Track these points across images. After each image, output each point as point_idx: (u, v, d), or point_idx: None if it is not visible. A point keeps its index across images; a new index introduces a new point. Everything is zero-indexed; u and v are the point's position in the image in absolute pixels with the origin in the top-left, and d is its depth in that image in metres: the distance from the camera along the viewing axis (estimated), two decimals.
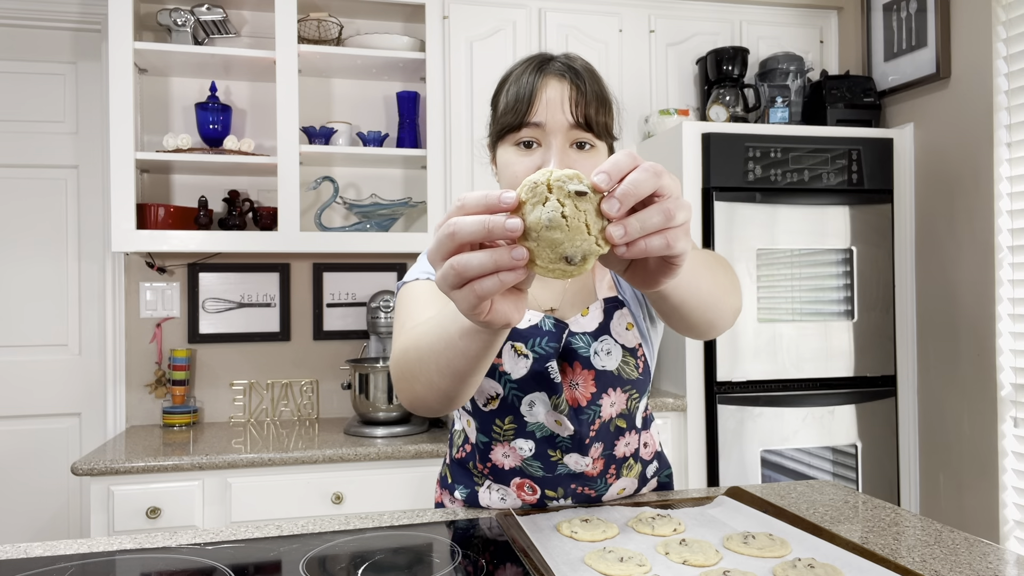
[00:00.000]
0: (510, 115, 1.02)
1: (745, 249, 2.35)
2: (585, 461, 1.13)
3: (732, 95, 2.60)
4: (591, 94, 1.02)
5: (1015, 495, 2.15)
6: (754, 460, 2.33)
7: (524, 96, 1.01)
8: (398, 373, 0.92)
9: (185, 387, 2.55)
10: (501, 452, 1.14)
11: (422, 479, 2.21)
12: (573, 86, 1.01)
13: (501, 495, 1.16)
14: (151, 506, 2.04)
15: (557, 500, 1.16)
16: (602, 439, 1.14)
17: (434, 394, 0.87)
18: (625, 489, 1.21)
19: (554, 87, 1.01)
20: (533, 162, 1.01)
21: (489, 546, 1.00)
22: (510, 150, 1.04)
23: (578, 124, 1.01)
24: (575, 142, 1.02)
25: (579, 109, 1.01)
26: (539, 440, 1.12)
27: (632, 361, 1.12)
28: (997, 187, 2.20)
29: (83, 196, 2.62)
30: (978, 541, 1.02)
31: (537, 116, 1.00)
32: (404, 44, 2.53)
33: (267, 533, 1.05)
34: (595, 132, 1.02)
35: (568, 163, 1.01)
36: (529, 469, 1.14)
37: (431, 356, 0.83)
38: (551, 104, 1.00)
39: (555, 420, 1.10)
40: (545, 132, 1.01)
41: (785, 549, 0.94)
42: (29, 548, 1.00)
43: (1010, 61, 2.17)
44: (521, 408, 1.10)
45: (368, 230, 2.54)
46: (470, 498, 1.18)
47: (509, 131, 1.03)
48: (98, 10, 2.57)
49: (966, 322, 2.31)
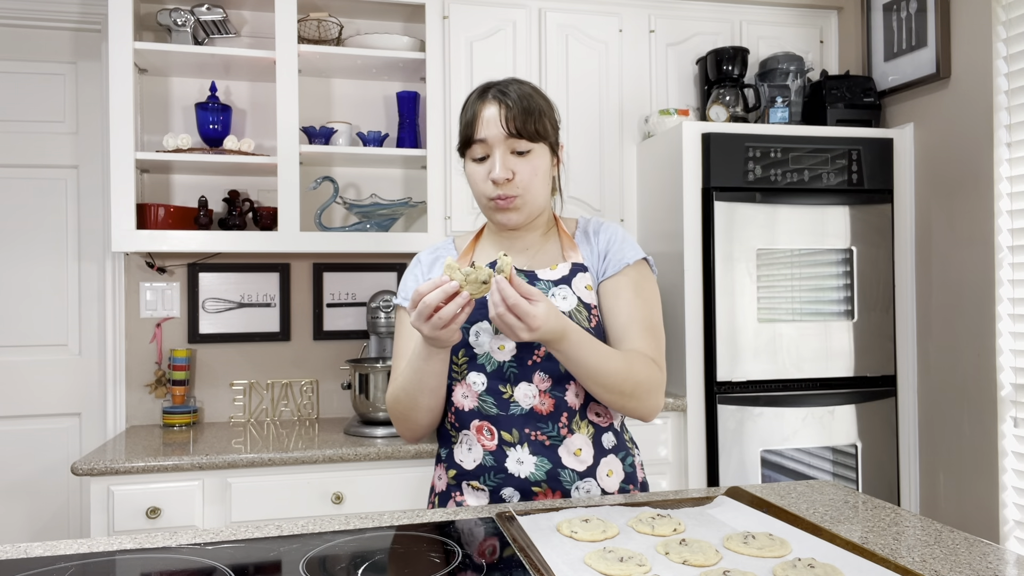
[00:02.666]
0: (462, 135, 1.31)
1: (745, 249, 2.35)
2: (532, 391, 1.26)
3: (732, 95, 2.60)
4: (518, 109, 1.26)
5: (1015, 495, 2.15)
6: (754, 460, 2.33)
7: (469, 120, 1.29)
8: (396, 415, 1.31)
9: (185, 387, 2.55)
10: (460, 393, 1.29)
11: (422, 479, 2.21)
12: (503, 105, 1.26)
13: (468, 445, 1.29)
14: (151, 506, 2.04)
15: (514, 447, 1.25)
16: (547, 371, 1.27)
17: (422, 414, 1.28)
18: (582, 450, 1.26)
19: (490, 109, 1.27)
20: (485, 170, 1.29)
21: (489, 546, 1.00)
22: (470, 163, 1.32)
23: (511, 134, 1.26)
24: (514, 150, 1.27)
25: (509, 123, 1.25)
26: (490, 375, 1.27)
27: (585, 313, 1.28)
28: (997, 187, 2.20)
29: (83, 196, 2.62)
30: (978, 541, 1.02)
31: (480, 134, 1.28)
32: (404, 44, 2.53)
33: (267, 533, 1.05)
34: (528, 138, 1.27)
35: (510, 166, 1.27)
36: (484, 407, 1.27)
37: (414, 386, 1.25)
38: (488, 123, 1.27)
39: (498, 346, 1.27)
40: (489, 145, 1.27)
41: (785, 549, 0.95)
42: (29, 548, 1.00)
43: (1010, 61, 2.17)
44: (469, 339, 1.28)
45: (368, 230, 2.54)
46: (448, 458, 1.33)
47: (465, 147, 1.31)
48: (98, 10, 2.57)
49: (966, 322, 2.31)
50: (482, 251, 1.41)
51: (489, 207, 1.31)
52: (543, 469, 1.25)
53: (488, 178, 1.27)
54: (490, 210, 1.32)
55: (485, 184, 1.29)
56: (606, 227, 1.38)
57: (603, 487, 1.28)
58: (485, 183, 1.28)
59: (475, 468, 1.28)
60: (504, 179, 1.26)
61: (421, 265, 1.41)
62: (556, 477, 1.25)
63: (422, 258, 1.42)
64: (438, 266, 1.39)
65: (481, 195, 1.31)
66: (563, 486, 1.25)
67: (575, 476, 1.26)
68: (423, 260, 1.42)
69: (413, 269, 1.41)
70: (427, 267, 1.40)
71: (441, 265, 1.39)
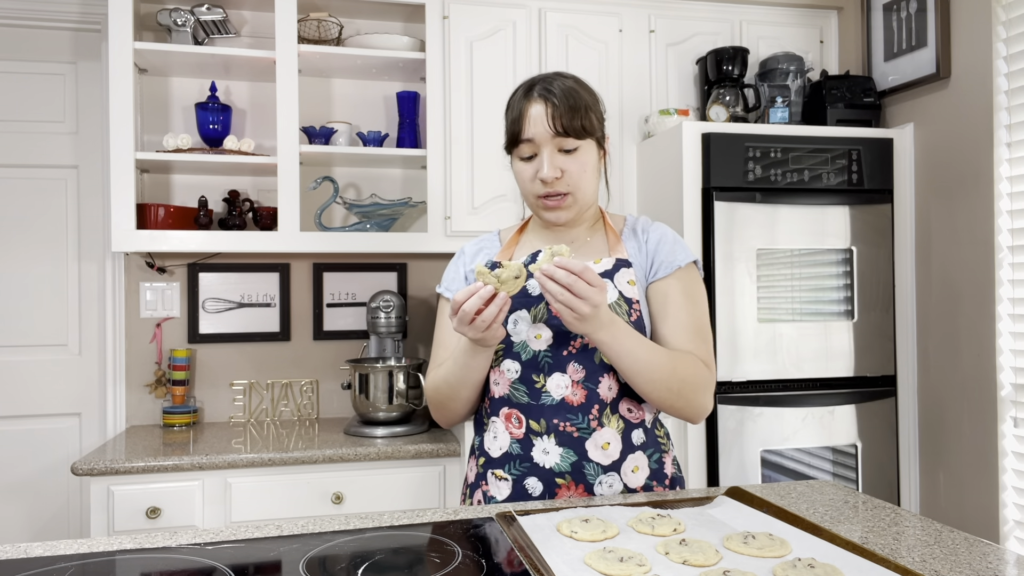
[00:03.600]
0: (508, 134, 1.32)
1: (745, 249, 2.35)
2: (565, 381, 1.26)
3: (732, 95, 2.60)
4: (564, 107, 1.26)
5: (1015, 495, 2.15)
6: (754, 460, 2.33)
7: (516, 118, 1.30)
8: (435, 402, 1.35)
9: (185, 387, 2.55)
10: (492, 379, 1.32)
11: (422, 479, 2.21)
12: (548, 104, 1.27)
13: (494, 433, 1.31)
14: (151, 506, 2.04)
15: (541, 436, 1.26)
16: (582, 362, 1.27)
17: (461, 404, 1.32)
18: (610, 444, 1.26)
19: (536, 107, 1.28)
20: (533, 169, 1.29)
21: (489, 546, 1.00)
22: (517, 161, 1.32)
23: (558, 133, 1.26)
24: (561, 148, 1.28)
25: (556, 122, 1.26)
26: (524, 363, 1.28)
27: (625, 307, 1.29)
28: (997, 187, 2.20)
29: (83, 196, 2.62)
30: (978, 541, 1.02)
31: (527, 133, 1.28)
32: (404, 44, 2.53)
33: (267, 533, 1.05)
34: (575, 135, 1.27)
35: (558, 164, 1.28)
36: (515, 395, 1.29)
37: (457, 380, 1.29)
38: (534, 121, 1.27)
39: (535, 335, 1.28)
40: (536, 144, 1.28)
41: (785, 549, 0.95)
42: (29, 548, 1.00)
43: (1010, 61, 2.17)
44: (507, 327, 1.29)
45: (368, 230, 2.54)
46: (479, 446, 1.35)
47: (512, 145, 1.31)
48: (98, 10, 2.57)
49: (966, 322, 2.31)
50: (527, 243, 1.42)
51: (538, 205, 1.32)
52: (568, 461, 1.25)
53: (536, 177, 1.28)
54: (539, 208, 1.33)
55: (533, 183, 1.30)
56: (656, 227, 1.39)
57: (627, 483, 1.28)
58: (533, 182, 1.30)
59: (500, 456, 1.29)
60: (552, 178, 1.27)
61: (465, 256, 1.44)
62: (580, 470, 1.25)
63: (466, 249, 1.45)
64: (481, 256, 1.42)
65: (529, 193, 1.32)
66: (587, 479, 1.25)
67: (599, 470, 1.26)
68: (467, 251, 1.44)
69: (457, 261, 1.44)
70: (470, 258, 1.43)
71: (484, 256, 1.42)
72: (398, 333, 2.56)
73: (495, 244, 1.44)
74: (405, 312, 2.58)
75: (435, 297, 2.81)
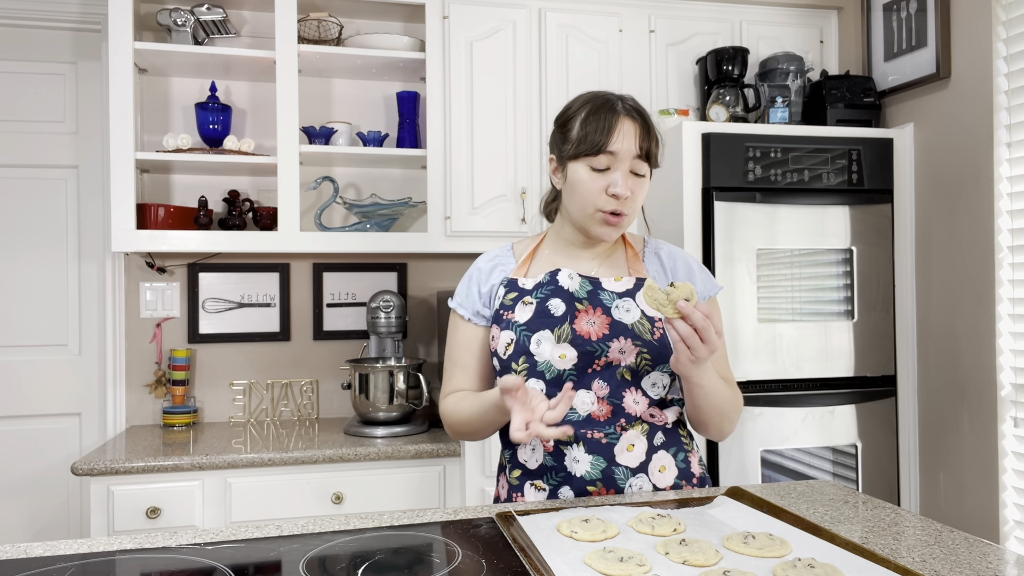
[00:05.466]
0: (588, 142, 1.26)
1: (745, 249, 2.35)
2: (590, 398, 1.26)
3: (732, 95, 2.60)
4: (653, 132, 1.29)
5: (1015, 495, 2.15)
6: (754, 460, 2.33)
7: (604, 128, 1.26)
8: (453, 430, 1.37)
9: (185, 387, 2.55)
10: None
11: (422, 479, 2.21)
12: (642, 123, 1.28)
13: (531, 445, 1.31)
14: (151, 506, 2.04)
15: (570, 445, 1.26)
16: (606, 379, 1.27)
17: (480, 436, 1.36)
18: (634, 446, 1.26)
19: (628, 123, 1.27)
20: (604, 182, 1.27)
21: (489, 546, 1.00)
22: (583, 170, 1.28)
23: (640, 155, 1.27)
24: (634, 171, 1.28)
25: (644, 143, 1.27)
26: (549, 382, 1.27)
27: (648, 326, 1.28)
28: (997, 187, 2.20)
29: (83, 196, 2.62)
30: (978, 541, 1.02)
31: (613, 146, 1.25)
32: (404, 44, 2.53)
33: (267, 533, 1.05)
34: (650, 162, 1.29)
35: (630, 186, 1.27)
36: None
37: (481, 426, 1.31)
38: (625, 136, 1.26)
39: (559, 355, 1.26)
40: (617, 159, 1.26)
41: (785, 549, 0.95)
42: (29, 548, 1.00)
43: (1010, 61, 2.17)
44: (531, 347, 1.28)
45: (368, 230, 2.54)
46: (512, 459, 1.35)
47: (586, 154, 1.27)
48: (98, 10, 2.57)
49: (966, 322, 2.30)
50: (545, 259, 1.39)
51: (595, 218, 1.30)
52: (598, 468, 1.26)
53: (607, 191, 1.27)
54: (596, 222, 1.30)
55: (600, 196, 1.27)
56: (681, 255, 1.41)
57: (655, 483, 1.28)
58: (601, 195, 1.27)
59: (538, 468, 1.30)
60: (625, 196, 1.27)
61: (481, 272, 1.40)
62: (611, 476, 1.26)
63: (481, 265, 1.41)
64: (497, 273, 1.38)
65: (590, 204, 1.29)
66: (617, 484, 1.26)
67: (628, 473, 1.26)
68: (482, 268, 1.40)
69: (471, 276, 1.40)
70: (486, 275, 1.39)
71: (500, 273, 1.38)
72: (398, 333, 2.56)
73: (510, 259, 1.41)
74: (405, 312, 2.58)
75: (435, 297, 2.81)
